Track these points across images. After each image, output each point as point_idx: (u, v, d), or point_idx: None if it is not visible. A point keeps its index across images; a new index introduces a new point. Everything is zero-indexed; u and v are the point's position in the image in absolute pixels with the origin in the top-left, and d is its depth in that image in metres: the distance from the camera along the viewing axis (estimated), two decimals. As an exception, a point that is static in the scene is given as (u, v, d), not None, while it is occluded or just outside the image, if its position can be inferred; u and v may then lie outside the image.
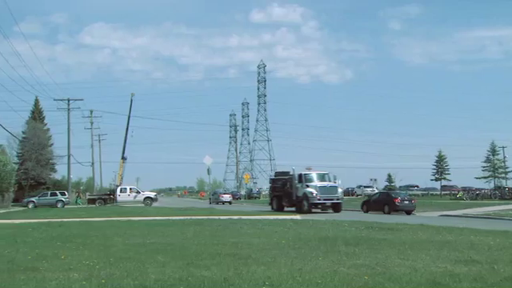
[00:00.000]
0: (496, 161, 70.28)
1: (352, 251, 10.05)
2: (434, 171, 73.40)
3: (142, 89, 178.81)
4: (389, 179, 76.80)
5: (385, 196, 32.94)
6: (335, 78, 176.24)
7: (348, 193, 61.18)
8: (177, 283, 6.94)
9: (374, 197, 34.50)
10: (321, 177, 31.49)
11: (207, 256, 9.43)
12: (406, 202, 30.63)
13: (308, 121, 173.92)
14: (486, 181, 70.07)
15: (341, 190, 31.71)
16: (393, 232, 14.36)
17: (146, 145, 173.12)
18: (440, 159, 73.03)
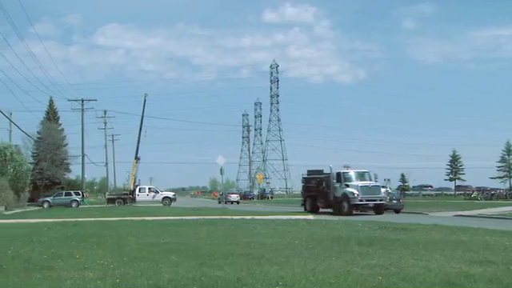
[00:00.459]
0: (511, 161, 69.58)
1: (365, 251, 10.00)
2: (449, 171, 72.95)
3: (155, 89, 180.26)
4: (402, 179, 76.43)
5: None
6: (348, 78, 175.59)
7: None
8: (190, 283, 6.96)
9: None
10: (360, 175, 29.26)
11: (220, 256, 9.44)
12: (395, 202, 31.03)
13: (321, 121, 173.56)
14: (502, 181, 69.49)
15: (384, 190, 29.73)
16: (406, 232, 14.26)
17: (159, 145, 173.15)
18: (454, 159, 72.54)
